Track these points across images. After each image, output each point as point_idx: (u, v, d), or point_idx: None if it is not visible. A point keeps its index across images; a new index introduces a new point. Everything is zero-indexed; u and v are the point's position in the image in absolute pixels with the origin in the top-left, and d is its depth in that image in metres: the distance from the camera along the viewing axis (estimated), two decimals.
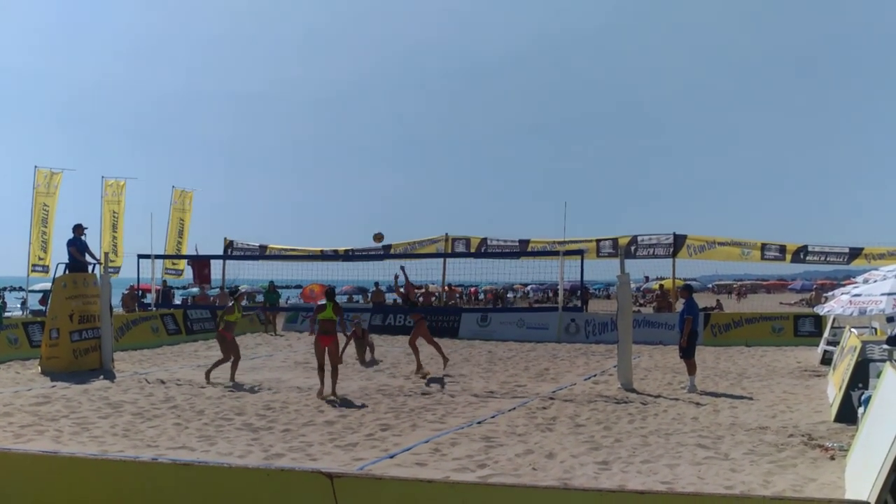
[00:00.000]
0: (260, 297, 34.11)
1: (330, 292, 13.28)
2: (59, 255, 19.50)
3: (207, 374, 14.16)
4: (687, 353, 13.38)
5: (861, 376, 10.12)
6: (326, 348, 12.69)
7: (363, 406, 11.61)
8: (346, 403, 11.82)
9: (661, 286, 34.43)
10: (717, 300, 40.25)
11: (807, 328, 21.90)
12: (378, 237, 16.63)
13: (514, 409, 11.43)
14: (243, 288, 45.46)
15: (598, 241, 26.14)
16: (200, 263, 28.37)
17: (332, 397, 12.25)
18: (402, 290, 16.13)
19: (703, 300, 33.42)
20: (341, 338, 13.58)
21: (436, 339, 16.08)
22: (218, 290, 28.03)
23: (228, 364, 14.30)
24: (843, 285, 20.73)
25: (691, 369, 13.38)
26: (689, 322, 13.38)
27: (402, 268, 15.91)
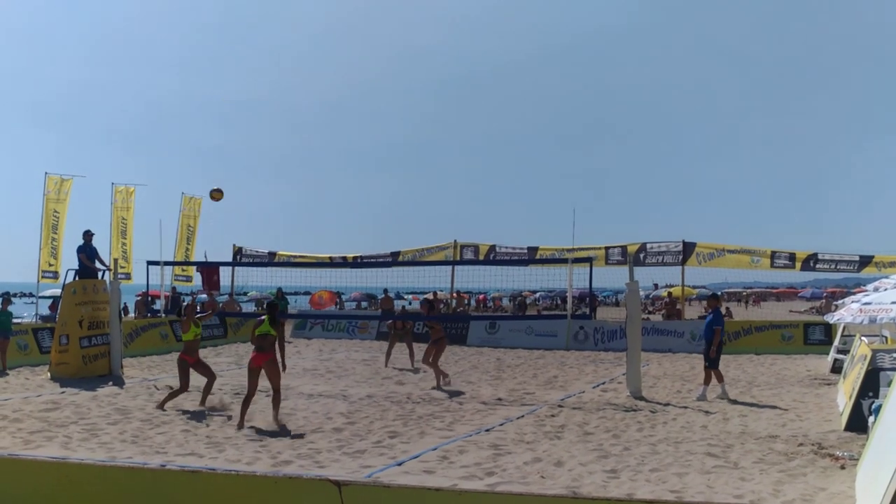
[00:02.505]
0: None
1: (271, 306, 11.04)
2: (69, 262, 19.58)
3: (161, 404, 11.95)
4: (713, 363, 13.35)
5: (871, 385, 10.08)
6: (262, 368, 10.58)
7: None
8: (352, 411, 11.81)
9: (670, 294, 34.37)
10: (727, 308, 40.06)
11: (817, 336, 21.81)
12: (215, 194, 15.14)
13: (523, 416, 11.41)
14: (251, 294, 45.61)
15: (606, 248, 26.07)
16: (209, 270, 28.41)
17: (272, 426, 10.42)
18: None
19: None
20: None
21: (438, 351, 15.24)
22: (227, 296, 28.07)
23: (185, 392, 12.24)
24: (854, 293, 20.67)
25: (708, 379, 13.35)
26: (717, 332, 13.36)
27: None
